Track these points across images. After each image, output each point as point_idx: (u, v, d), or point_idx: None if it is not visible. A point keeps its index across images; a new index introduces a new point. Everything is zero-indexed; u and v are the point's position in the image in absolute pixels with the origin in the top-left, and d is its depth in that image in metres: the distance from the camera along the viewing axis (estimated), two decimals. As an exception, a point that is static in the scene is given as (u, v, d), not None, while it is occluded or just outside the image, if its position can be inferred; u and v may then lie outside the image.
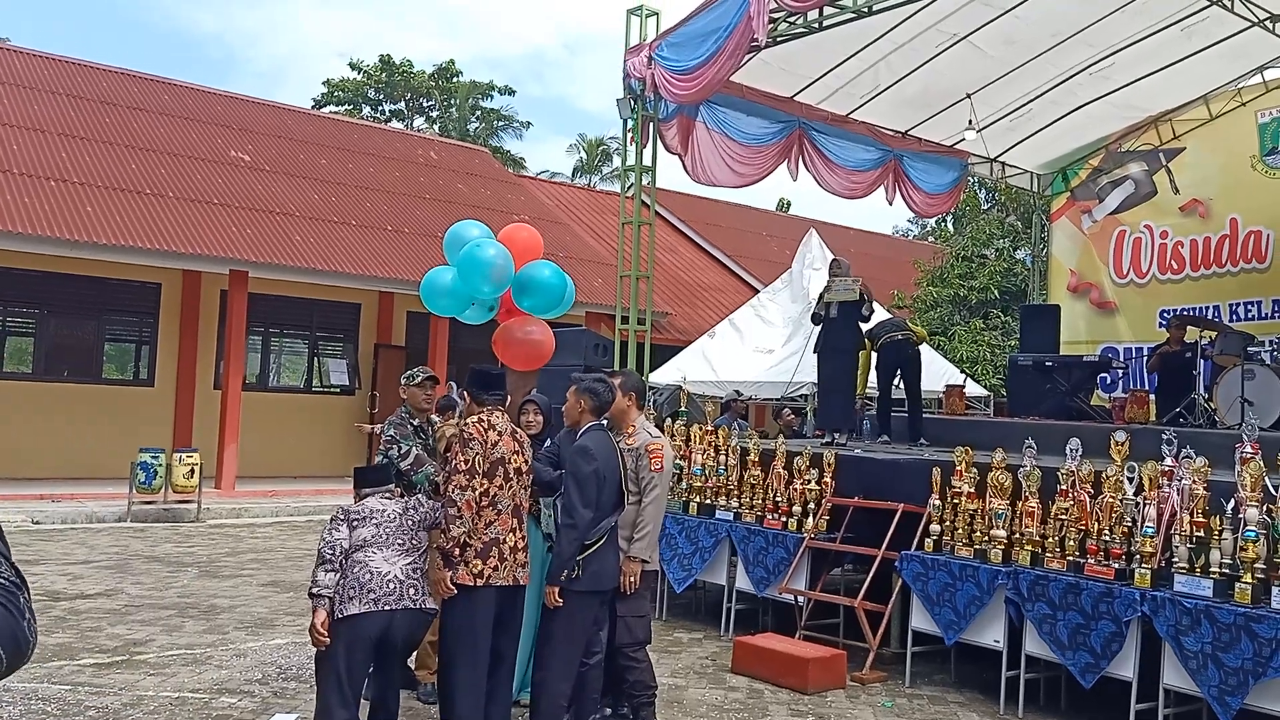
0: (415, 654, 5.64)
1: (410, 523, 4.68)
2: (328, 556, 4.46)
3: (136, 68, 18.87)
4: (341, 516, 4.61)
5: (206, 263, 14.74)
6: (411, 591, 4.49)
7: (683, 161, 11.30)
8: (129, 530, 11.99)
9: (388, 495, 4.80)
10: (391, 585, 4.44)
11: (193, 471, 12.99)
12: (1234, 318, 12.78)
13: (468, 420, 4.70)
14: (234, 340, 15.03)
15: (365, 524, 4.58)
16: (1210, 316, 12.49)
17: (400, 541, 4.59)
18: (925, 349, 15.27)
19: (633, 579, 5.14)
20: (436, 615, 4.70)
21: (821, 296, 9.34)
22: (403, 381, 6.06)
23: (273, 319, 17.34)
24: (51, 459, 14.43)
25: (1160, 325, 13.28)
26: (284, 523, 13.16)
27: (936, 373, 14.42)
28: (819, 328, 9.40)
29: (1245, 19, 10.80)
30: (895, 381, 9.95)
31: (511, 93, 39.90)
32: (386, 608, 4.40)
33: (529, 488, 4.88)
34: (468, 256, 5.64)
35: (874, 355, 9.90)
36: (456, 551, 4.49)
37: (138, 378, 16.26)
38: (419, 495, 5.15)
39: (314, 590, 4.41)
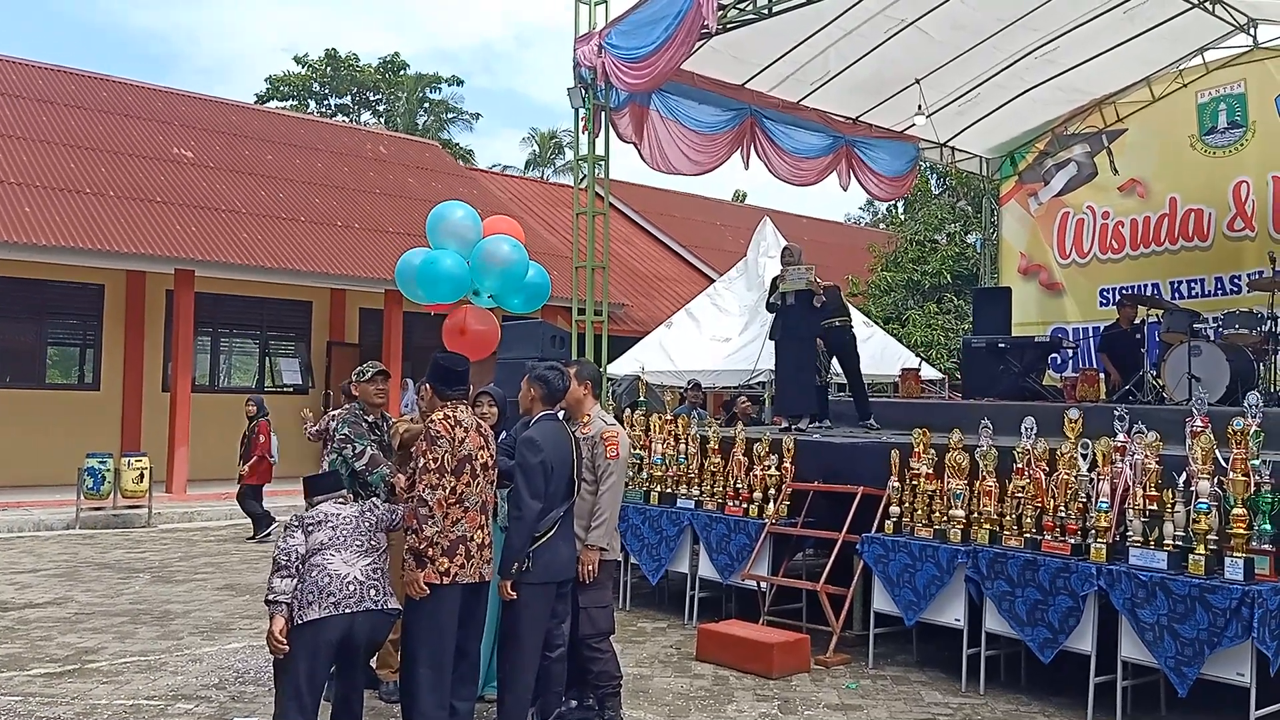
0: (377, 653, 5.57)
1: (367, 524, 4.60)
2: (283, 563, 4.36)
3: (73, 65, 18.43)
4: (296, 523, 4.52)
5: (151, 262, 14.42)
6: (373, 593, 4.40)
7: (639, 150, 11.23)
8: (78, 537, 11.71)
9: (341, 500, 4.73)
10: (351, 587, 4.35)
11: (142, 476, 12.74)
12: (1175, 295, 13.01)
13: (433, 417, 4.62)
14: (181, 341, 14.74)
15: (321, 528, 4.49)
16: (1150, 294, 12.73)
17: (359, 543, 4.51)
18: (879, 335, 15.46)
19: (591, 567, 5.12)
20: (399, 615, 4.63)
21: (775, 285, 9.34)
22: (353, 378, 5.95)
23: (221, 319, 17.04)
24: (-5, 467, 14.06)
25: (1102, 304, 13.50)
26: (238, 525, 12.92)
27: (891, 357, 14.55)
28: (774, 315, 9.39)
29: (1186, 0, 10.98)
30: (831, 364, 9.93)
31: (460, 83, 39.62)
32: (347, 610, 4.31)
33: (494, 482, 4.82)
34: (484, 250, 5.74)
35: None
36: (430, 551, 4.42)
37: (83, 382, 15.89)
38: (374, 499, 5.06)
39: (270, 597, 4.32)
